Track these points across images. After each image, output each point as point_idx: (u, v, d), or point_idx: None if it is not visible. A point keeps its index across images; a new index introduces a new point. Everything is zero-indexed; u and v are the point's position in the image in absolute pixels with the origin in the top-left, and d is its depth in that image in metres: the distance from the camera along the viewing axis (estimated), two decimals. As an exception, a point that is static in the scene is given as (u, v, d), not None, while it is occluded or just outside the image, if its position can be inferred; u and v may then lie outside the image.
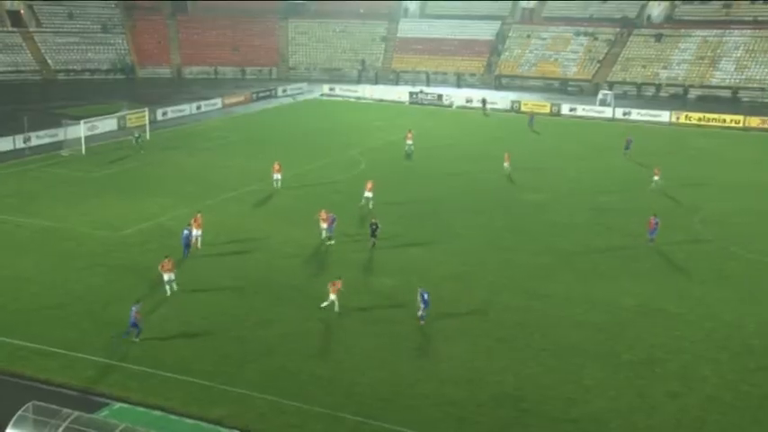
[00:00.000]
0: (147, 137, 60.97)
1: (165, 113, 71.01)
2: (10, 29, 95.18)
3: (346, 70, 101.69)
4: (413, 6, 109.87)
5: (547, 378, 25.46)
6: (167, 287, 30.77)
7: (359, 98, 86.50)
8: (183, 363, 25.65)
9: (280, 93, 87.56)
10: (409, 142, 57.14)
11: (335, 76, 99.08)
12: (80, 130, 56.40)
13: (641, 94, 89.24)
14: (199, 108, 75.63)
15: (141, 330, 27.18)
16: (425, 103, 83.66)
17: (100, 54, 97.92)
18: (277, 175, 46.71)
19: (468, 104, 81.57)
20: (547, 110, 78.68)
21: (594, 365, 26.30)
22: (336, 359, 26.35)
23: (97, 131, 60.52)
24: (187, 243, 35.16)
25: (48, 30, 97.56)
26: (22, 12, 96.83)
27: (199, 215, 36.84)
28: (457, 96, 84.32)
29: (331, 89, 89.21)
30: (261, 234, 38.63)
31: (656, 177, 48.29)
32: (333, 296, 29.53)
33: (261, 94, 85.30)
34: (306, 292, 31.83)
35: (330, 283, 30.01)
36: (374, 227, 36.92)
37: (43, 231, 38.17)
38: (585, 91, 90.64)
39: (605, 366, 26.25)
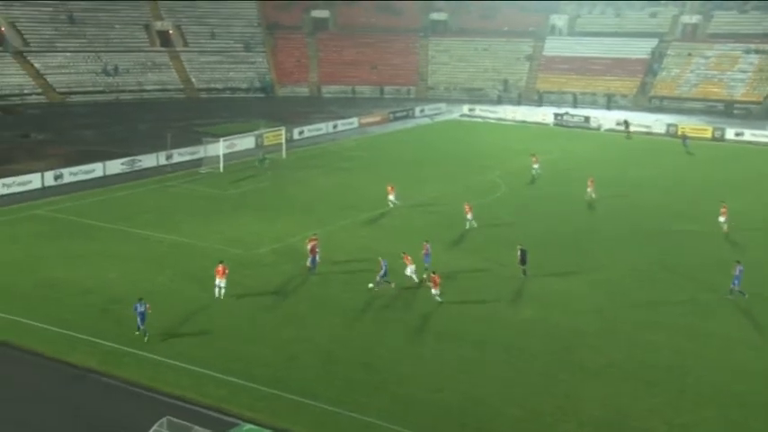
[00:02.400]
0: (284, 155, 63.50)
1: (301, 132, 73.67)
2: (159, 48, 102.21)
3: (487, 90, 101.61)
4: (561, 23, 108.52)
5: (703, 429, 24.12)
6: (216, 290, 33.27)
7: (500, 119, 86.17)
8: (309, 386, 26.32)
9: (417, 113, 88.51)
10: (535, 166, 57.41)
11: (476, 97, 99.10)
12: (219, 147, 59.54)
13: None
14: (335, 127, 77.84)
15: (145, 329, 29.38)
16: (571, 125, 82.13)
17: (241, 73, 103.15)
18: (391, 196, 47.80)
19: (618, 127, 79.33)
20: (708, 134, 75.19)
21: (763, 419, 24.63)
22: (470, 393, 26.17)
23: (235, 149, 63.62)
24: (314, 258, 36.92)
25: (193, 49, 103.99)
26: (170, 32, 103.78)
27: (313, 236, 38.35)
28: (606, 119, 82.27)
29: (471, 110, 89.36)
30: (392, 258, 39.10)
31: (721, 218, 43.91)
32: (434, 290, 32.75)
33: (398, 114, 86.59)
34: (438, 321, 31.92)
35: (431, 278, 33.33)
36: (523, 254, 36.53)
37: (180, 247, 40.45)
38: (755, 114, 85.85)
39: (772, 421, 24.60)
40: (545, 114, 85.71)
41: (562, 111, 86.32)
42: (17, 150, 63.23)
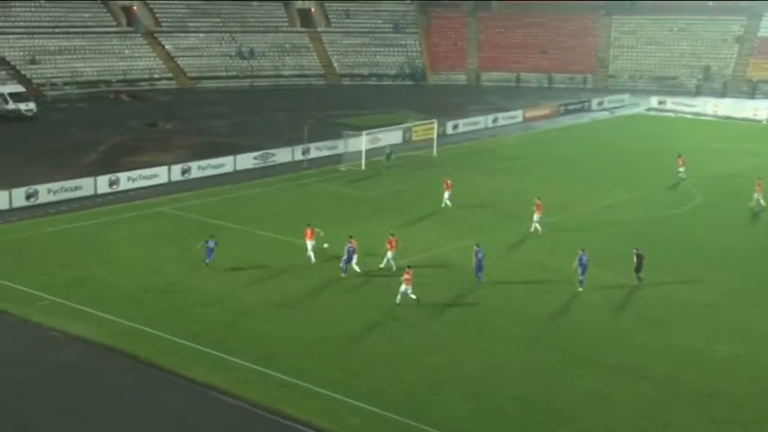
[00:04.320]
0: (435, 152, 63.92)
1: (455, 126, 74.03)
2: (299, 29, 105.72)
3: (683, 79, 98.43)
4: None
5: None
6: (311, 254, 39.69)
7: (697, 114, 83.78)
8: (458, 422, 26.22)
9: (594, 106, 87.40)
10: (681, 169, 56.41)
11: (667, 87, 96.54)
12: (361, 142, 60.68)
13: None
14: (495, 121, 77.87)
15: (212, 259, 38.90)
16: (791, 122, 78.81)
17: (389, 57, 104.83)
18: (446, 194, 48.20)
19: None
20: None
21: None
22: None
23: (379, 144, 64.60)
24: (479, 266, 37.32)
25: (336, 30, 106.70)
26: (312, 10, 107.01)
27: (392, 238, 39.15)
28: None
29: (661, 102, 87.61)
30: (558, 276, 38.49)
31: None
32: (404, 287, 34.09)
33: (571, 107, 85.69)
34: (610, 350, 31.17)
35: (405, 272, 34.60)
36: (639, 258, 36.51)
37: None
38: None
39: None
40: (758, 109, 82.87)
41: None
42: (144, 141, 67.31)
